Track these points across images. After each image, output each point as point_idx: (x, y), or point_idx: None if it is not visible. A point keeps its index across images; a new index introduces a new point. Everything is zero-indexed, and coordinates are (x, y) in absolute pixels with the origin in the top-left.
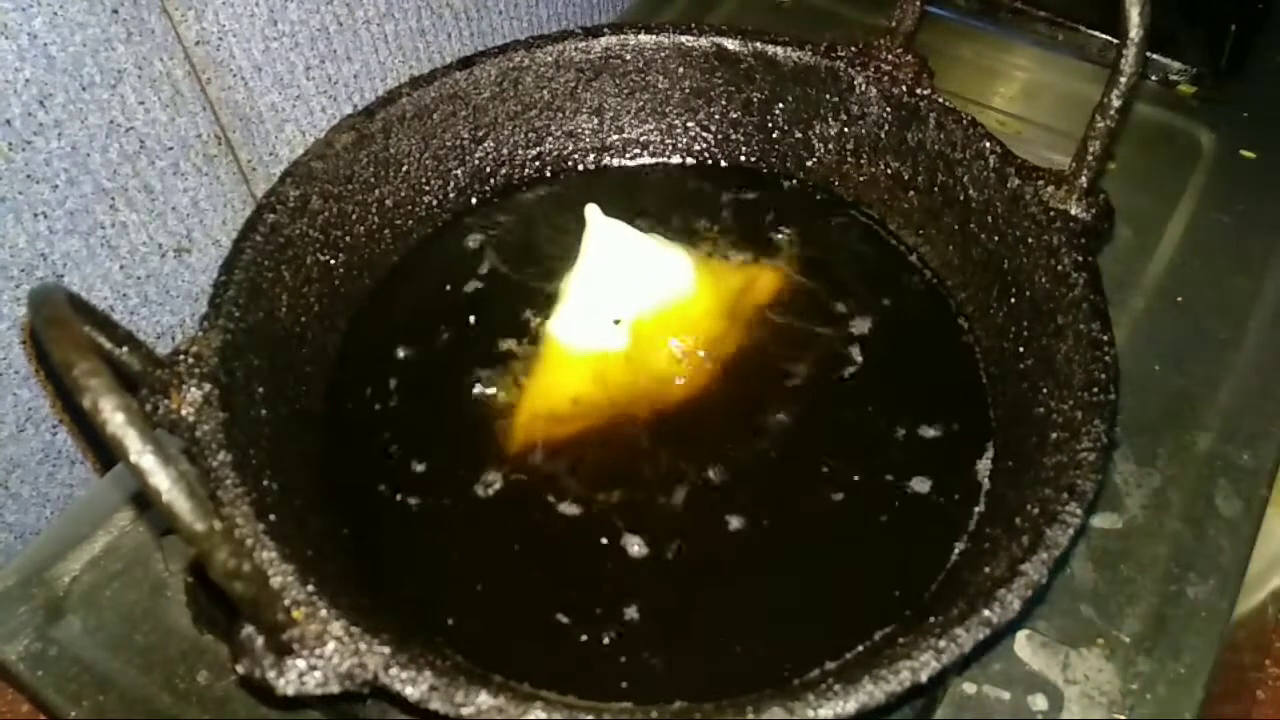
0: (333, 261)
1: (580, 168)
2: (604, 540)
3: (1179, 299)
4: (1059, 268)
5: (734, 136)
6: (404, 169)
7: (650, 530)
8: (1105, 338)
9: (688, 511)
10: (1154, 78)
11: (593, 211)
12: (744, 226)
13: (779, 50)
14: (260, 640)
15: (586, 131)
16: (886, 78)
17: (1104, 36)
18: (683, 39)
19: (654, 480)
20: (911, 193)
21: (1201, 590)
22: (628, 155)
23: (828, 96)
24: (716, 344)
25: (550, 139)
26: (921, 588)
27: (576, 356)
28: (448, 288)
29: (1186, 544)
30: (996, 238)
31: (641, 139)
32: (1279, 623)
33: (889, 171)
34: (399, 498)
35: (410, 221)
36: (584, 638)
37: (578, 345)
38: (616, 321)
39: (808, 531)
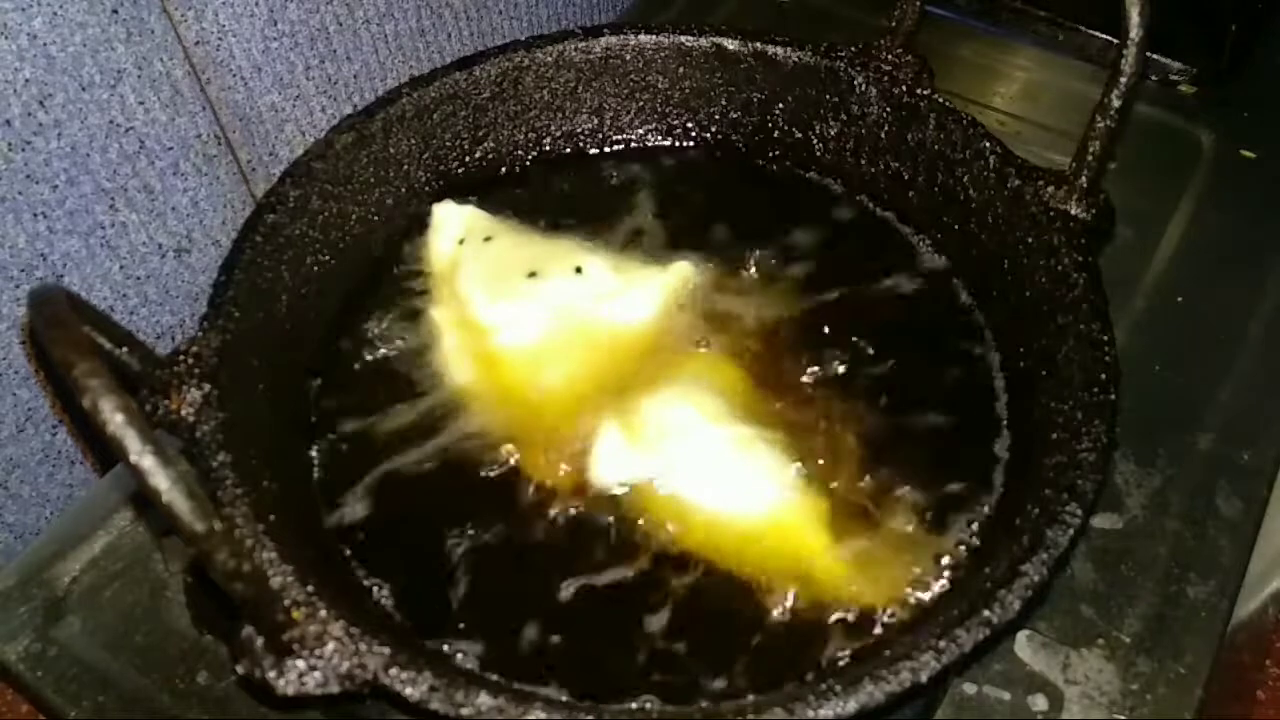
0: (333, 261)
1: (580, 168)
2: (611, 537)
3: (1179, 299)
4: (1059, 268)
5: (733, 137)
6: (404, 169)
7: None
8: (1105, 338)
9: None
10: (1154, 78)
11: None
12: (741, 226)
13: (779, 50)
14: (260, 640)
15: (586, 131)
16: (886, 78)
17: (1104, 36)
18: (682, 39)
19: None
20: (912, 193)
21: (1202, 590)
22: (627, 155)
23: (828, 97)
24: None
25: (550, 139)
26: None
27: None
28: None
29: (1187, 544)
30: (997, 238)
31: (641, 139)
32: (1279, 623)
33: (889, 171)
34: (399, 495)
35: (410, 222)
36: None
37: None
38: (532, 274)
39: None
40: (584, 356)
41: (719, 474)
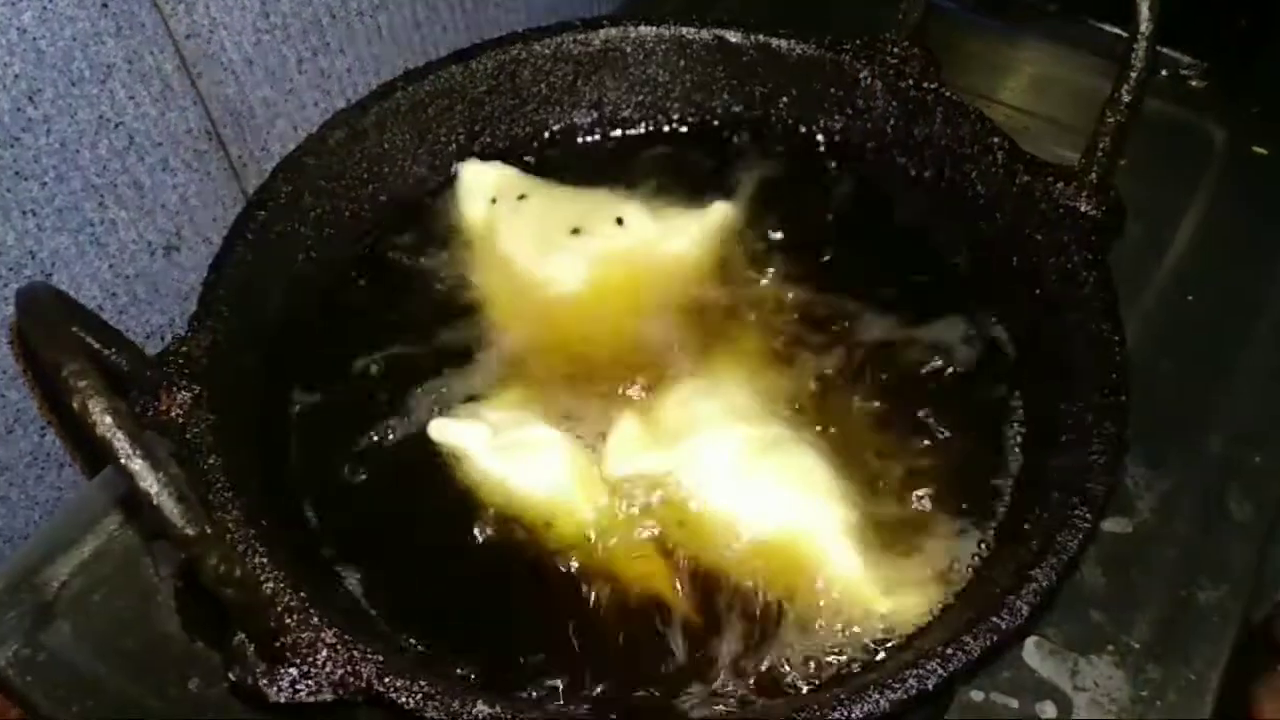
0: (325, 259)
1: (579, 162)
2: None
3: (1190, 297)
4: (1069, 265)
5: (736, 131)
6: (398, 165)
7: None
8: (1116, 337)
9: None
10: (1164, 72)
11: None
12: (748, 220)
13: (782, 43)
14: (252, 647)
15: (585, 125)
16: (893, 71)
17: (1114, 30)
18: (684, 31)
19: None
20: (919, 188)
21: (1213, 595)
22: (627, 150)
23: (833, 90)
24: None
25: (548, 133)
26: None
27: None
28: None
29: (1197, 548)
30: (1005, 234)
31: (641, 133)
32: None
33: (896, 167)
34: (394, 493)
35: (405, 219)
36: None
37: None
38: (575, 231)
39: None
40: (631, 305)
41: (729, 475)
